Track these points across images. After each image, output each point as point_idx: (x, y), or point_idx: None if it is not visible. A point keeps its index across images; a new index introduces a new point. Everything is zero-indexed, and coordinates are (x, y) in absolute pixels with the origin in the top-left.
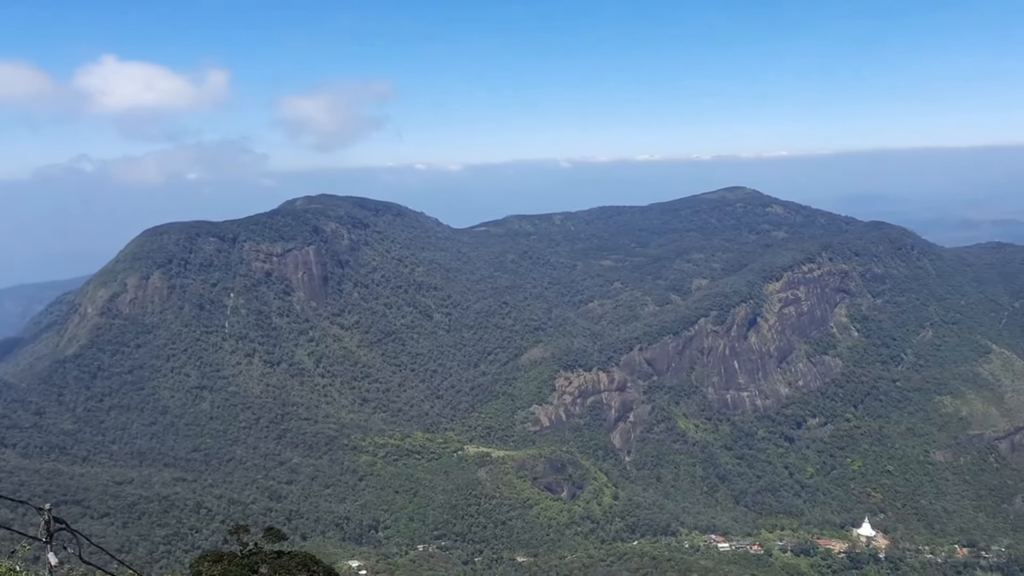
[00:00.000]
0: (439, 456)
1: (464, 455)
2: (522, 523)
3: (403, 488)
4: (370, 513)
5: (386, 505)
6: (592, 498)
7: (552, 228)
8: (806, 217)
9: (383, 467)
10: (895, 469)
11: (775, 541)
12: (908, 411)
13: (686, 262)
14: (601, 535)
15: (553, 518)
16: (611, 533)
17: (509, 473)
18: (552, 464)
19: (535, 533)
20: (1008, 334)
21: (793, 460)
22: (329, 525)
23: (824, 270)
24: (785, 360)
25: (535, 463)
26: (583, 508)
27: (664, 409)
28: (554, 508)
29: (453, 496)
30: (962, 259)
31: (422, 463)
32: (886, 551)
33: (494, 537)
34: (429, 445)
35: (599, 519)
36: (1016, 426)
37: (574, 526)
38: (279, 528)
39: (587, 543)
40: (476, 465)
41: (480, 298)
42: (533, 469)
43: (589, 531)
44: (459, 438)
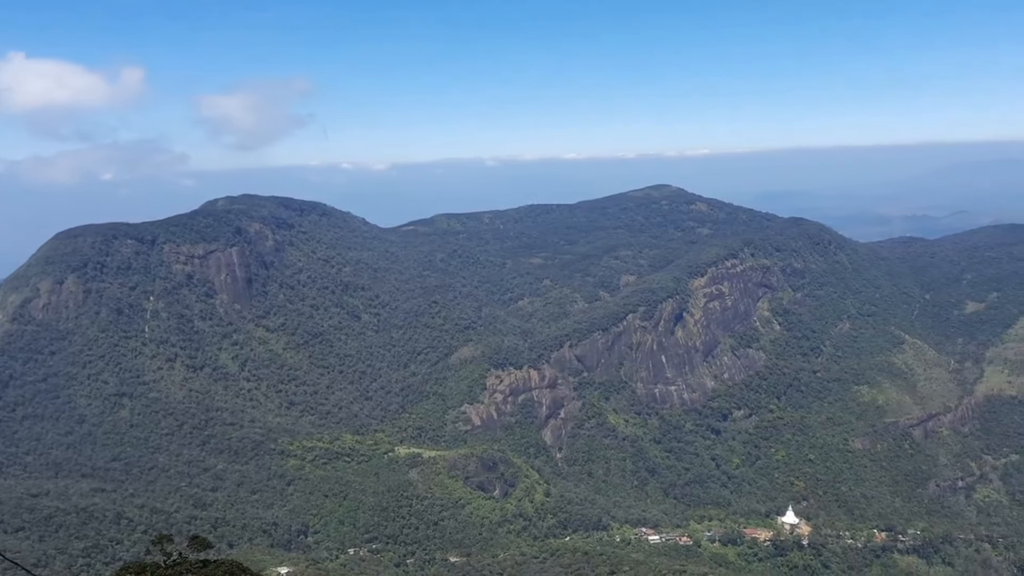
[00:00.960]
0: (369, 458)
1: (395, 456)
2: (454, 523)
3: (332, 492)
4: (299, 518)
5: (315, 509)
6: (524, 496)
7: (481, 227)
8: (728, 214)
9: (312, 471)
10: (816, 458)
11: (703, 532)
12: (828, 401)
13: (614, 259)
14: (533, 532)
15: (485, 517)
16: (543, 530)
17: (441, 473)
18: (484, 463)
19: (468, 533)
20: (920, 325)
21: (720, 452)
22: (257, 532)
23: (747, 265)
24: (711, 354)
25: (467, 462)
26: (515, 506)
27: (594, 405)
28: (486, 507)
29: (384, 498)
30: (876, 253)
31: (352, 466)
32: (809, 538)
33: (426, 538)
34: (359, 447)
35: (531, 516)
36: (929, 413)
37: (506, 524)
38: (204, 537)
39: (520, 541)
40: (407, 466)
41: (409, 298)
42: (465, 468)
43: (521, 529)
44: (389, 439)
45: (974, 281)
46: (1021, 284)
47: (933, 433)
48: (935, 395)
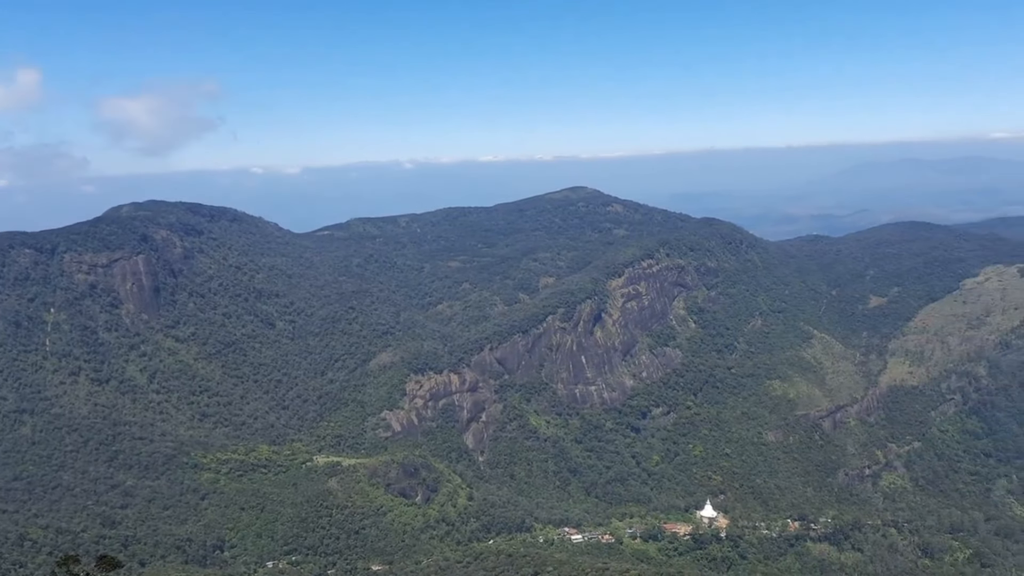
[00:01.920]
0: (287, 468)
1: (313, 466)
2: (376, 531)
3: (249, 504)
4: (214, 532)
5: (231, 523)
6: (447, 500)
7: (398, 230)
8: (644, 215)
9: (227, 484)
10: (732, 452)
11: (625, 529)
12: (742, 396)
13: (533, 261)
14: (457, 537)
15: (408, 523)
16: (467, 534)
17: (361, 481)
18: (405, 469)
19: (390, 540)
20: (827, 320)
21: (640, 449)
22: (170, 548)
23: (662, 265)
24: (629, 353)
25: (388, 469)
26: (438, 511)
27: (516, 407)
28: (408, 513)
29: (303, 509)
30: (785, 252)
31: (269, 477)
32: (727, 530)
33: (347, 547)
34: (276, 458)
35: (454, 521)
36: (837, 405)
37: (429, 530)
38: (114, 556)
39: (443, 546)
40: (326, 475)
41: (325, 304)
42: (386, 476)
43: (445, 533)
44: (307, 449)
45: (876, 277)
46: (920, 279)
47: (841, 424)
48: (842, 387)
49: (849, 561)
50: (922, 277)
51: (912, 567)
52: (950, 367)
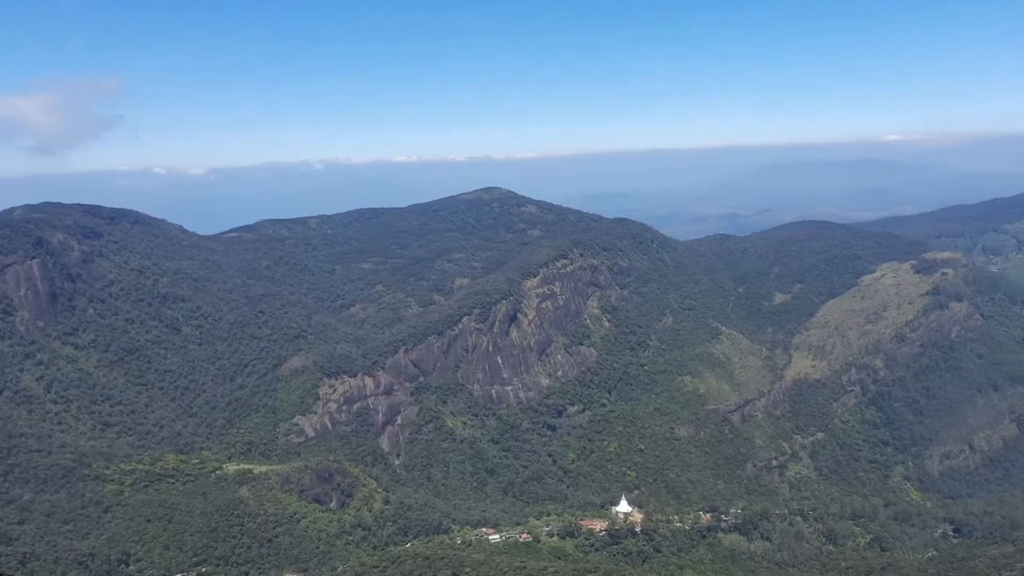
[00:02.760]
0: (195, 478)
1: (223, 474)
2: (290, 539)
3: (156, 516)
4: (119, 546)
5: (137, 536)
6: (362, 505)
7: (308, 232)
8: (558, 215)
9: (132, 495)
10: (646, 447)
11: (542, 527)
12: (655, 392)
13: (447, 262)
14: (373, 541)
15: (323, 530)
16: (383, 538)
17: (274, 488)
18: (319, 475)
19: (304, 547)
20: (735, 316)
21: (556, 448)
22: (71, 564)
23: (576, 265)
24: (545, 352)
25: (301, 475)
26: (354, 516)
27: (432, 409)
28: (323, 519)
29: (213, 518)
30: (695, 251)
31: (176, 487)
32: (642, 524)
33: (260, 556)
34: (183, 467)
35: (371, 525)
36: (745, 399)
37: (345, 535)
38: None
39: (359, 551)
40: (237, 483)
41: (233, 308)
42: (299, 482)
43: (361, 539)
44: (217, 457)
45: (781, 274)
46: (821, 276)
47: (749, 417)
48: (750, 382)
49: (758, 550)
50: (823, 274)
51: (817, 553)
52: (850, 360)
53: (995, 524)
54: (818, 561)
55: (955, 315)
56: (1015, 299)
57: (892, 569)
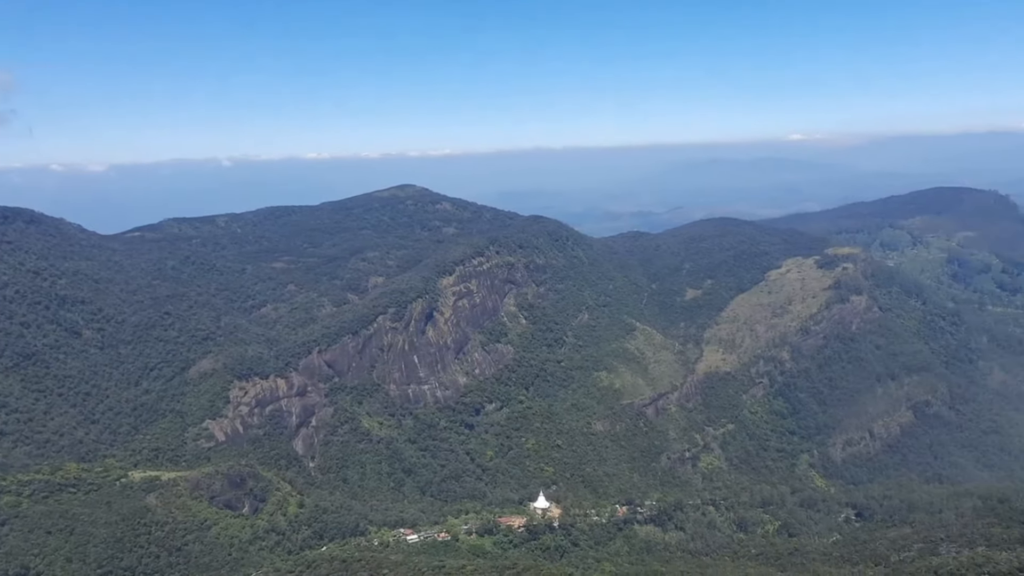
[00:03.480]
0: (99, 486)
1: (129, 482)
2: (200, 546)
3: (56, 527)
4: (17, 560)
5: (36, 549)
6: (276, 509)
7: (216, 231)
8: (473, 213)
9: (30, 507)
10: (564, 443)
11: (461, 526)
12: (572, 388)
13: (361, 260)
14: (288, 546)
15: (235, 536)
16: (298, 543)
17: (182, 495)
18: (230, 480)
19: (216, 555)
20: (648, 312)
21: (474, 446)
22: None
23: (493, 263)
24: (462, 351)
25: (211, 481)
26: (267, 521)
27: (347, 410)
28: (235, 525)
29: (118, 528)
30: (609, 248)
31: (79, 496)
32: (559, 519)
33: (168, 566)
34: (86, 476)
35: (285, 530)
36: (659, 393)
37: (258, 541)
38: None
39: (273, 557)
40: (143, 491)
41: (138, 310)
42: (209, 488)
43: (275, 544)
44: (122, 464)
45: (692, 270)
46: (730, 272)
47: (663, 411)
48: (664, 376)
49: (673, 540)
50: (732, 270)
51: (729, 541)
52: (758, 353)
53: (894, 507)
54: (730, 549)
55: (855, 308)
56: (910, 292)
57: (799, 554)
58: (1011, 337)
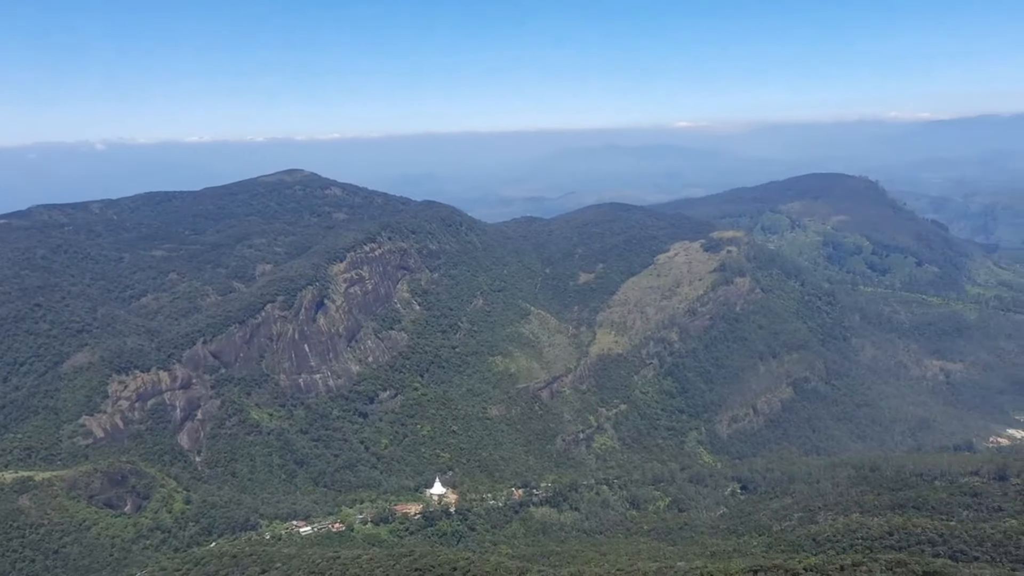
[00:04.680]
0: None
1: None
2: (79, 548)
3: None
4: None
5: None
6: (161, 507)
7: (91, 218)
8: (364, 198)
9: None
10: (459, 428)
11: (356, 515)
12: (467, 374)
13: (247, 248)
14: (174, 544)
15: (117, 536)
16: (185, 540)
17: (59, 495)
18: (110, 478)
19: (97, 556)
20: (543, 297)
21: (368, 434)
22: None
23: (385, 249)
24: (354, 338)
25: (89, 480)
26: (151, 519)
27: (235, 402)
28: (117, 525)
29: None
30: (503, 233)
31: None
32: (456, 505)
33: (45, 570)
34: None
35: (171, 527)
36: (553, 376)
37: (142, 540)
38: None
39: (159, 555)
40: (15, 492)
41: (5, 302)
42: (88, 487)
43: (160, 542)
44: None
45: (584, 255)
46: (621, 256)
47: (558, 393)
48: (558, 359)
49: (568, 520)
50: (623, 254)
51: (622, 519)
52: (648, 334)
53: (776, 479)
54: (623, 526)
55: (739, 289)
56: (789, 273)
57: (688, 528)
58: (880, 315)
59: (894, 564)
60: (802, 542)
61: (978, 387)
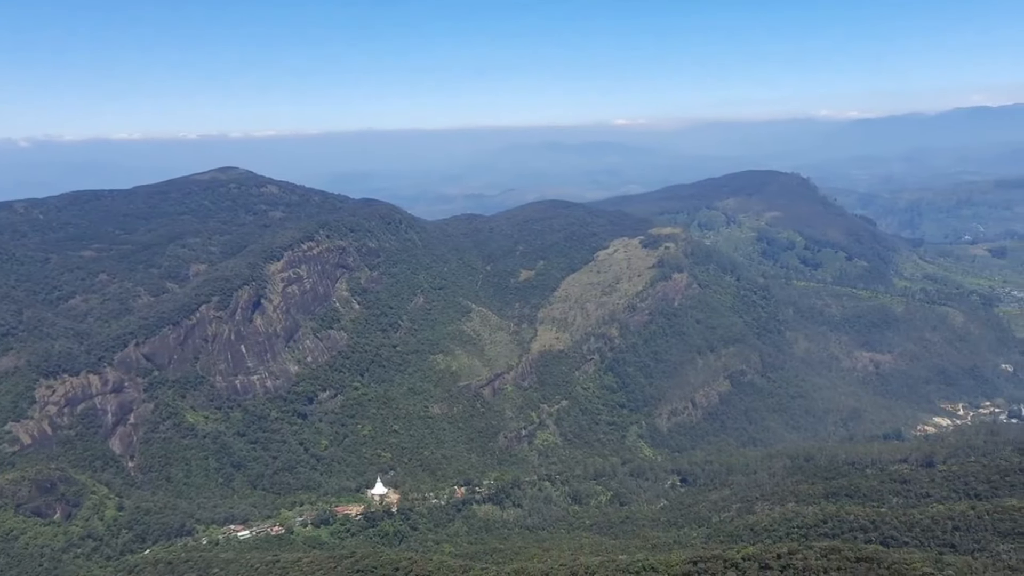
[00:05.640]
0: None
1: None
2: (7, 559)
3: None
4: None
5: None
6: (92, 514)
7: (15, 218)
8: (301, 196)
9: None
10: (401, 428)
11: (295, 518)
12: (408, 372)
13: (181, 247)
14: (107, 552)
15: (46, 545)
16: (118, 547)
17: None
18: (38, 486)
19: (25, 567)
20: (484, 294)
21: (308, 435)
22: None
23: (323, 247)
24: (293, 338)
25: (16, 488)
26: (82, 527)
27: (169, 405)
28: (46, 534)
29: None
30: (443, 230)
31: None
32: (398, 504)
33: None
34: None
35: (103, 535)
36: (495, 373)
37: (73, 549)
38: None
39: (91, 564)
40: None
41: None
42: (15, 495)
43: (92, 550)
44: None
45: (525, 252)
46: (562, 253)
47: (500, 391)
48: (500, 356)
49: (511, 517)
50: (563, 251)
51: (564, 514)
52: (589, 330)
53: (714, 471)
54: (565, 521)
55: (677, 285)
56: (725, 269)
57: (630, 521)
58: (813, 309)
59: (828, 551)
60: (740, 532)
61: (905, 377)
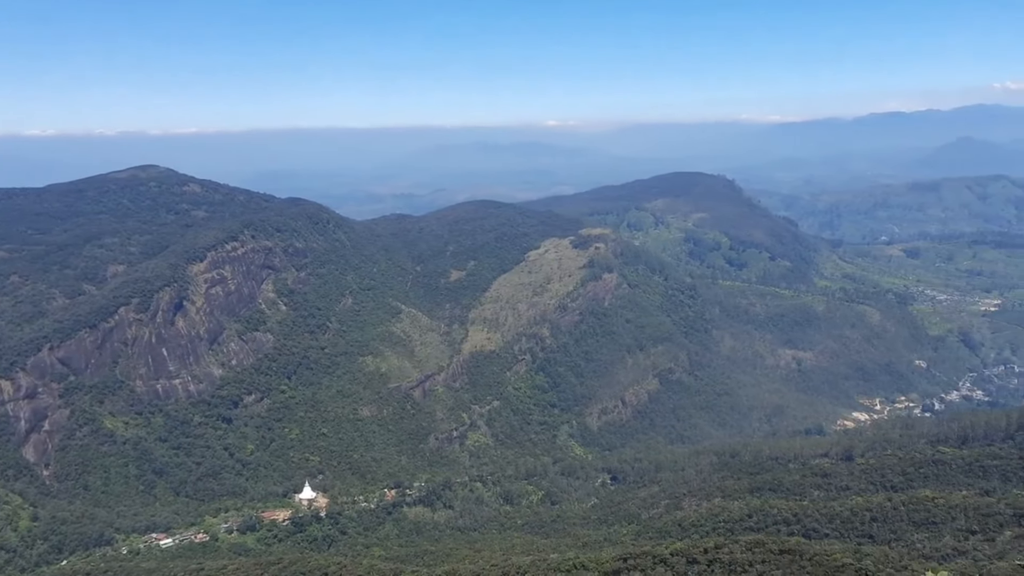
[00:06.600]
0: None
1: None
2: None
3: None
4: None
5: None
6: (5, 525)
7: None
8: (225, 195)
9: None
10: (329, 431)
11: (220, 525)
12: (337, 375)
13: (98, 248)
14: (21, 564)
15: None
16: (33, 559)
17: None
18: None
19: None
20: (414, 295)
21: (233, 440)
22: None
23: (248, 248)
24: (216, 341)
25: None
26: None
27: (86, 411)
28: None
29: None
30: (372, 230)
31: None
32: (327, 509)
33: None
34: None
35: (16, 547)
36: (426, 375)
37: None
38: None
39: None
40: None
41: None
42: None
43: (5, 563)
44: None
45: (456, 252)
46: (492, 253)
47: (430, 392)
48: (430, 357)
49: (442, 519)
50: (494, 251)
51: (496, 515)
52: (520, 331)
53: (644, 469)
54: (497, 522)
55: (607, 285)
56: (654, 269)
57: (561, 520)
58: (738, 308)
59: (753, 545)
60: (669, 528)
61: (826, 374)
